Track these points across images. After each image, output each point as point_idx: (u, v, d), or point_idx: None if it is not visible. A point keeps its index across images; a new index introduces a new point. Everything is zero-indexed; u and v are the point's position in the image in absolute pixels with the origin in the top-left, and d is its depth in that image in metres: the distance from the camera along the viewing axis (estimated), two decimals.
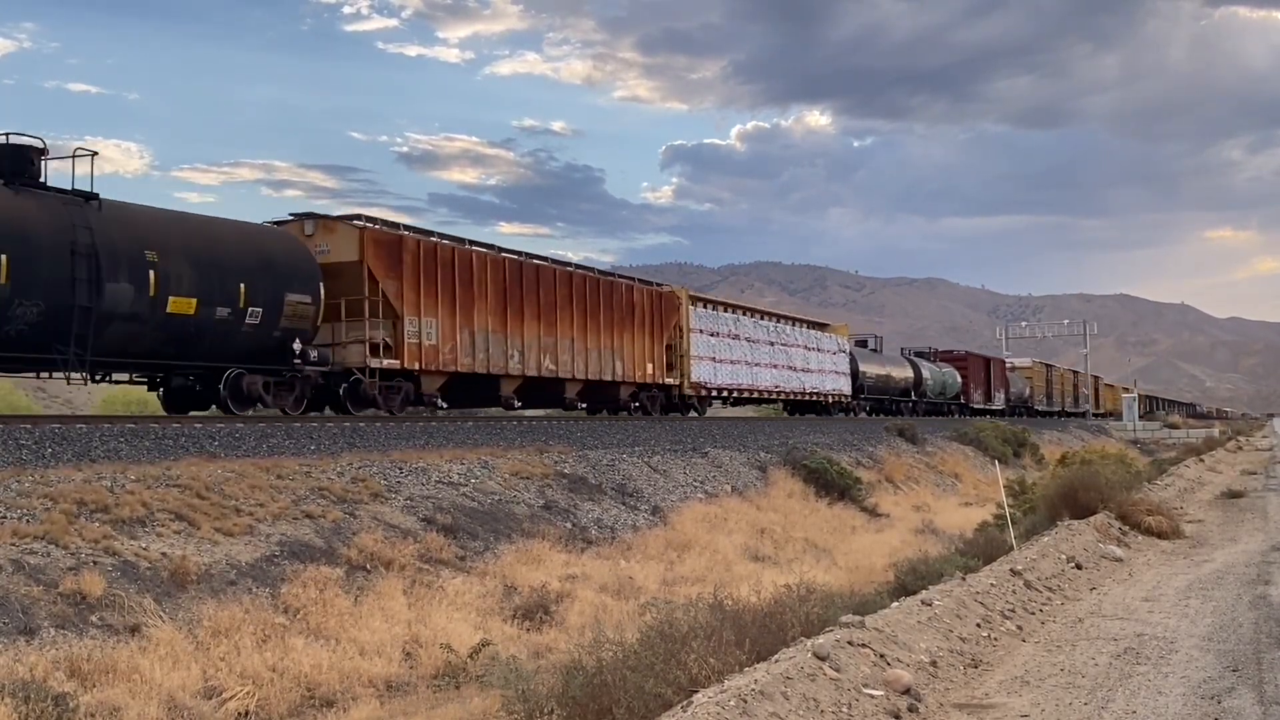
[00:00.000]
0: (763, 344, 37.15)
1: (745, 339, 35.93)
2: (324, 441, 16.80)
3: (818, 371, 41.20)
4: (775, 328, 38.74)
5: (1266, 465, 40.34)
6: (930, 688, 7.94)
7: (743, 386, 35.39)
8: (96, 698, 8.59)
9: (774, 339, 38.18)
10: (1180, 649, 9.40)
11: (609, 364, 27.71)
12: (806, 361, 40.27)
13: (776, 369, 37.73)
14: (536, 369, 24.86)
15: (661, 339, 30.54)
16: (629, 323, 28.91)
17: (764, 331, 37.71)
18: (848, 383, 43.83)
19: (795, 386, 39.26)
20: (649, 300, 30.36)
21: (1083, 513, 17.53)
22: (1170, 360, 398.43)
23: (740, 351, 35.40)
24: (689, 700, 6.35)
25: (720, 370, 33.94)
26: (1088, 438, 63.48)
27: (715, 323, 34.37)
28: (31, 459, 12.60)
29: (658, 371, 30.04)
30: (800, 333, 40.91)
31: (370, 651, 10.85)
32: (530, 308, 24.77)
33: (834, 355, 43.05)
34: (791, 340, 39.62)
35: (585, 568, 15.12)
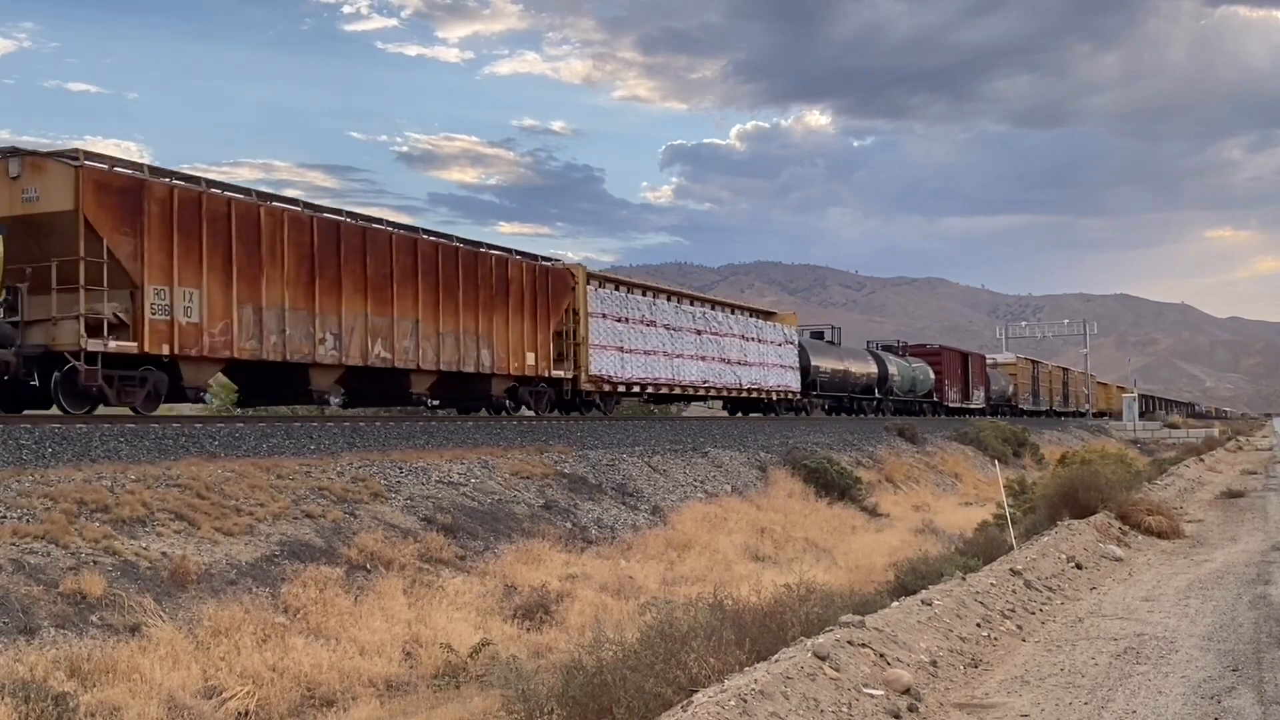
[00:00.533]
0: (687, 332, 32.20)
1: (664, 326, 30.90)
2: (324, 441, 16.81)
3: (759, 365, 36.19)
4: (704, 314, 33.80)
5: (1266, 465, 40.34)
6: (930, 687, 7.94)
7: (660, 381, 30.46)
8: (96, 697, 8.59)
9: (702, 327, 33.19)
10: (1180, 649, 9.40)
11: (472, 352, 22.99)
12: (745, 353, 35.32)
13: (706, 361, 32.89)
14: (362, 356, 19.98)
15: (549, 324, 25.77)
16: (502, 303, 24.08)
17: (689, 318, 32.69)
18: (796, 377, 38.90)
19: (729, 381, 34.42)
20: (530, 277, 25.37)
21: (1083, 512, 17.53)
22: (1170, 360, 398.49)
23: (657, 340, 30.35)
24: (689, 700, 6.35)
25: (629, 362, 28.96)
26: (1087, 438, 63.48)
27: (623, 306, 29.29)
28: (31, 459, 12.61)
29: (543, 362, 25.42)
30: (737, 320, 35.73)
31: (370, 651, 10.85)
32: (353, 280, 19.88)
33: (779, 347, 38.12)
34: (725, 329, 34.56)
35: (585, 567, 15.12)
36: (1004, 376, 68.58)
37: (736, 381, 34.76)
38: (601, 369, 27.75)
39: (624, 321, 29.04)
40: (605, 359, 27.95)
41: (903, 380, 49.53)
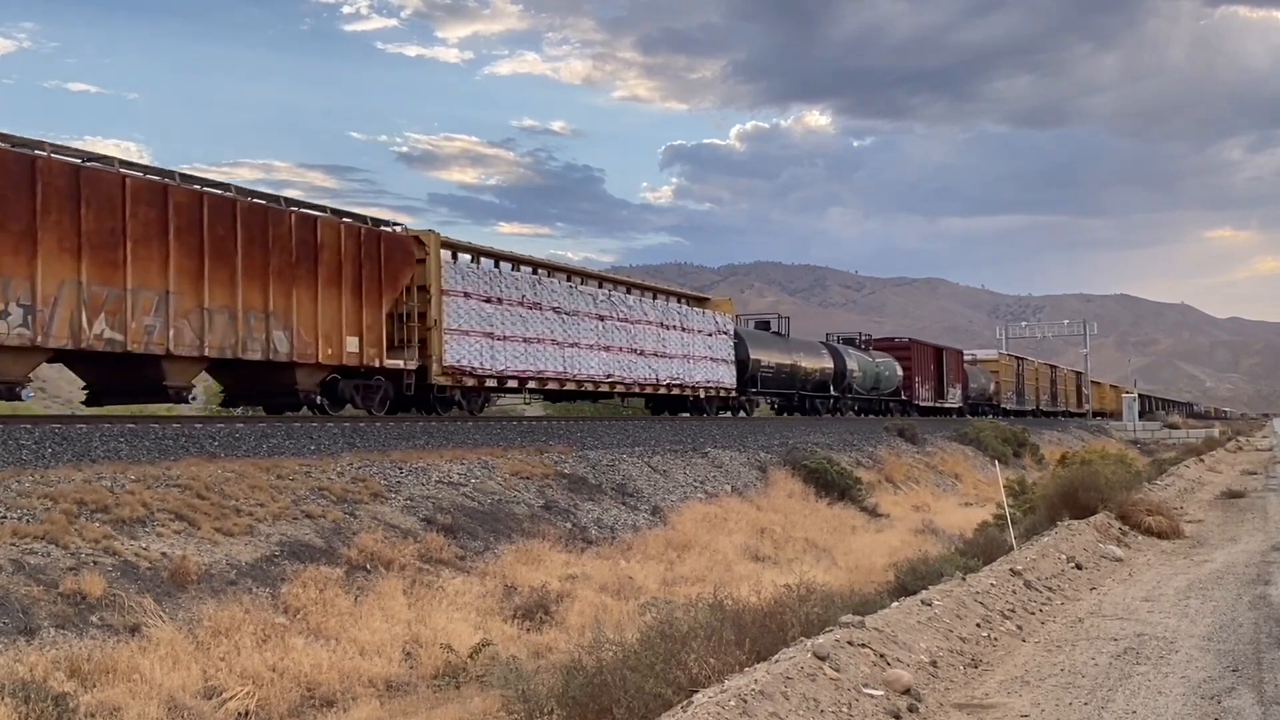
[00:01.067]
0: (586, 318, 27.28)
1: (554, 310, 26.06)
2: (324, 441, 16.82)
3: (683, 357, 31.48)
4: (610, 297, 28.84)
5: (1266, 465, 40.34)
6: (930, 688, 7.94)
7: (548, 375, 25.63)
8: (96, 698, 8.59)
9: (607, 312, 28.26)
10: (1180, 649, 9.40)
11: (259, 335, 18.03)
12: (664, 344, 30.50)
13: (610, 352, 28.00)
14: (72, 336, 15.24)
15: (380, 302, 20.87)
16: (308, 274, 19.21)
17: (588, 301, 27.58)
18: (731, 372, 34.29)
19: (643, 375, 29.46)
20: (353, 244, 20.41)
21: (1083, 513, 17.54)
22: (1170, 360, 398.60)
23: (543, 326, 25.54)
24: (689, 700, 6.36)
25: (503, 351, 24.11)
26: (1087, 438, 63.50)
27: (494, 284, 24.29)
28: (31, 459, 12.61)
29: (371, 349, 20.57)
30: (654, 306, 30.90)
31: (370, 651, 10.85)
32: (58, 235, 15.15)
33: (710, 337, 33.36)
34: (638, 315, 29.64)
35: (585, 568, 15.12)
36: (984, 374, 64.51)
37: (652, 376, 29.90)
38: (461, 359, 22.81)
39: (496, 302, 24.04)
40: (467, 347, 23.00)
41: (864, 376, 45.04)
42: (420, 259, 22.24)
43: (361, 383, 20.98)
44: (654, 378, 30.11)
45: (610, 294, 29.09)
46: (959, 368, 58.67)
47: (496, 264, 25.41)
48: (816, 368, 41.09)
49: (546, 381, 25.78)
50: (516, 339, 24.59)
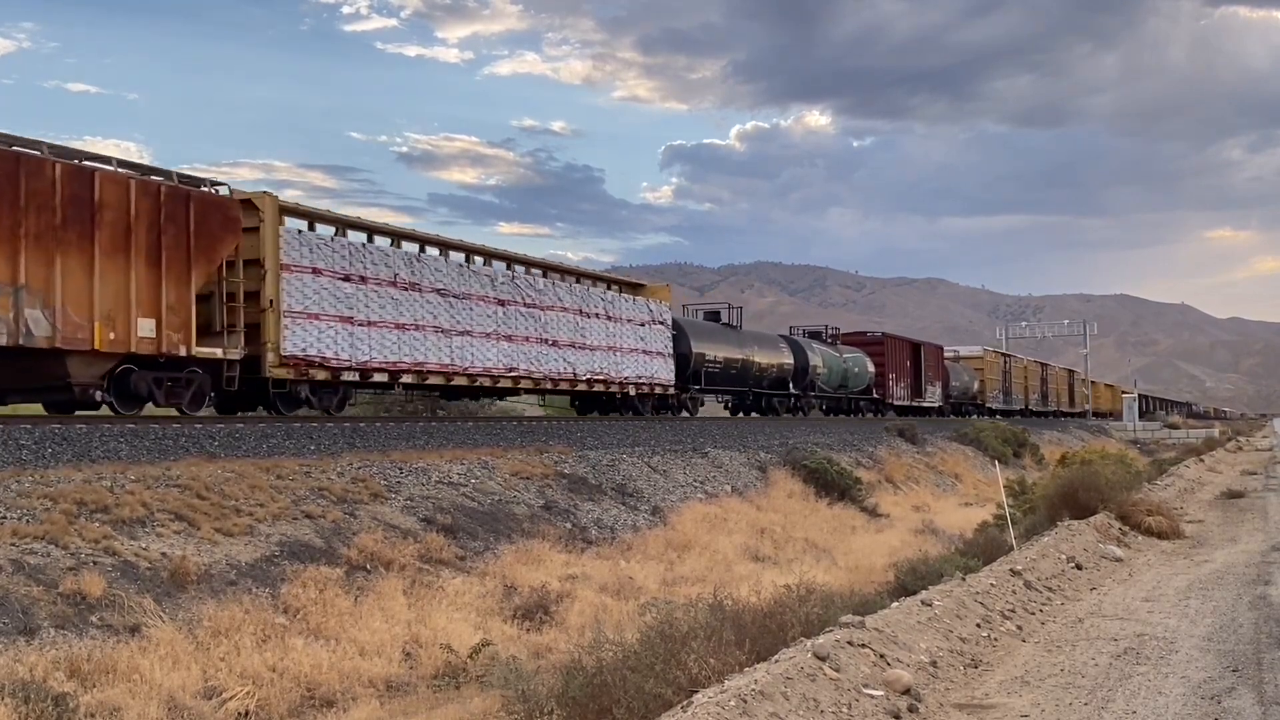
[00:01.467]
0: (482, 302, 23.56)
1: (437, 291, 22.34)
2: (324, 441, 16.82)
3: (607, 349, 27.74)
4: (513, 280, 25.01)
5: (1266, 465, 40.35)
6: (930, 688, 7.95)
7: (429, 367, 21.84)
8: (96, 698, 8.59)
9: (509, 296, 24.56)
10: (1180, 649, 9.40)
11: (8, 315, 14.57)
12: (582, 333, 26.88)
13: (514, 342, 24.39)
14: None
15: (190, 277, 17.08)
16: (82, 239, 15.54)
17: (484, 283, 23.88)
18: (668, 367, 30.57)
19: (556, 369, 25.74)
20: (150, 204, 16.61)
21: (1083, 513, 17.54)
22: (1170, 360, 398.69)
23: (423, 310, 21.88)
24: (689, 700, 6.35)
25: (367, 339, 20.27)
26: (1087, 438, 63.52)
27: (355, 259, 20.31)
28: (31, 459, 12.61)
29: (176, 334, 16.89)
30: (571, 291, 27.04)
31: (370, 651, 10.85)
32: None
33: (643, 328, 29.59)
34: (550, 300, 25.90)
35: (585, 568, 15.12)
36: (967, 371, 60.59)
37: (568, 370, 26.17)
38: (309, 348, 19.12)
39: (359, 281, 20.27)
40: (317, 334, 19.32)
41: (830, 373, 41.55)
42: (252, 227, 18.50)
43: (166, 375, 17.19)
44: (570, 371, 26.25)
45: (515, 276, 25.17)
46: (938, 364, 55.04)
47: (371, 238, 21.47)
48: (773, 363, 37.40)
49: (428, 375, 21.96)
50: (386, 325, 20.82)
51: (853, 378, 43.89)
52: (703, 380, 33.18)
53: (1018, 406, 68.97)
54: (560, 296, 26.55)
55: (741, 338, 36.10)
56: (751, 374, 35.88)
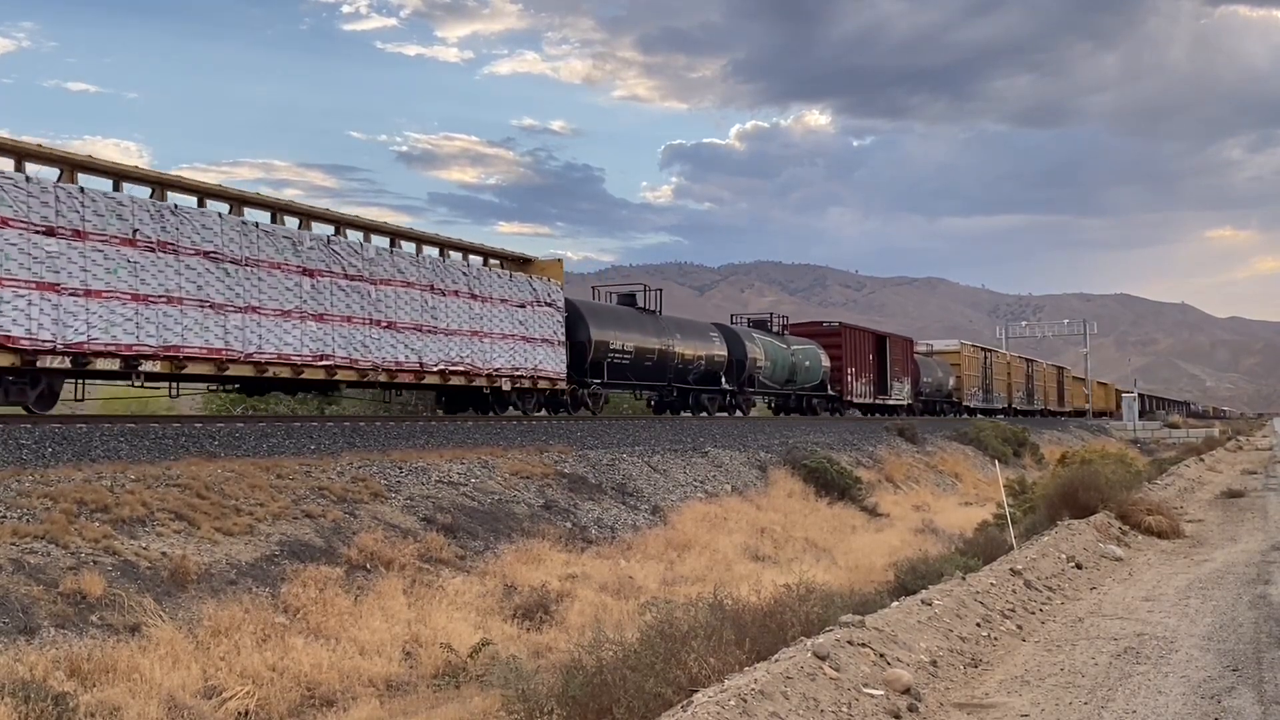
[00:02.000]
0: (277, 271, 18.20)
1: (206, 255, 17.18)
2: (324, 441, 16.82)
3: (468, 334, 22.62)
4: (328, 244, 19.45)
5: (1266, 465, 40.35)
6: (930, 687, 7.94)
7: (189, 350, 16.73)
8: (96, 697, 8.59)
9: (319, 265, 19.10)
10: (1180, 648, 9.40)
11: None
12: (432, 314, 21.67)
13: (328, 323, 19.10)
14: None
15: None
16: None
17: (281, 247, 18.36)
18: (557, 357, 25.51)
19: (392, 357, 20.52)
20: None
21: (1083, 512, 17.53)
22: (1170, 360, 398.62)
23: (183, 278, 16.75)
24: (689, 700, 6.35)
25: (86, 313, 15.32)
26: (1087, 437, 63.50)
27: (62, 207, 15.18)
28: (31, 459, 12.61)
29: None
30: (413, 262, 21.56)
31: (370, 651, 10.85)
32: None
33: (521, 310, 24.46)
34: (379, 272, 20.53)
35: (585, 567, 15.12)
36: (941, 367, 56.15)
37: (410, 358, 21.02)
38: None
39: (68, 236, 15.14)
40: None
41: (775, 366, 37.04)
42: None
43: None
44: (414, 361, 21.10)
45: (332, 241, 19.69)
46: (907, 358, 50.55)
47: (118, 186, 16.46)
48: (700, 354, 32.50)
49: (186, 362, 16.74)
50: (118, 296, 15.77)
51: (804, 372, 39.47)
52: (606, 373, 27.85)
53: (999, 405, 64.30)
54: (401, 269, 21.22)
55: (661, 325, 31.04)
56: (672, 366, 30.91)
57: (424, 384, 22.26)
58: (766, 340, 37.19)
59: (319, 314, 19.08)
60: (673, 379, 31.24)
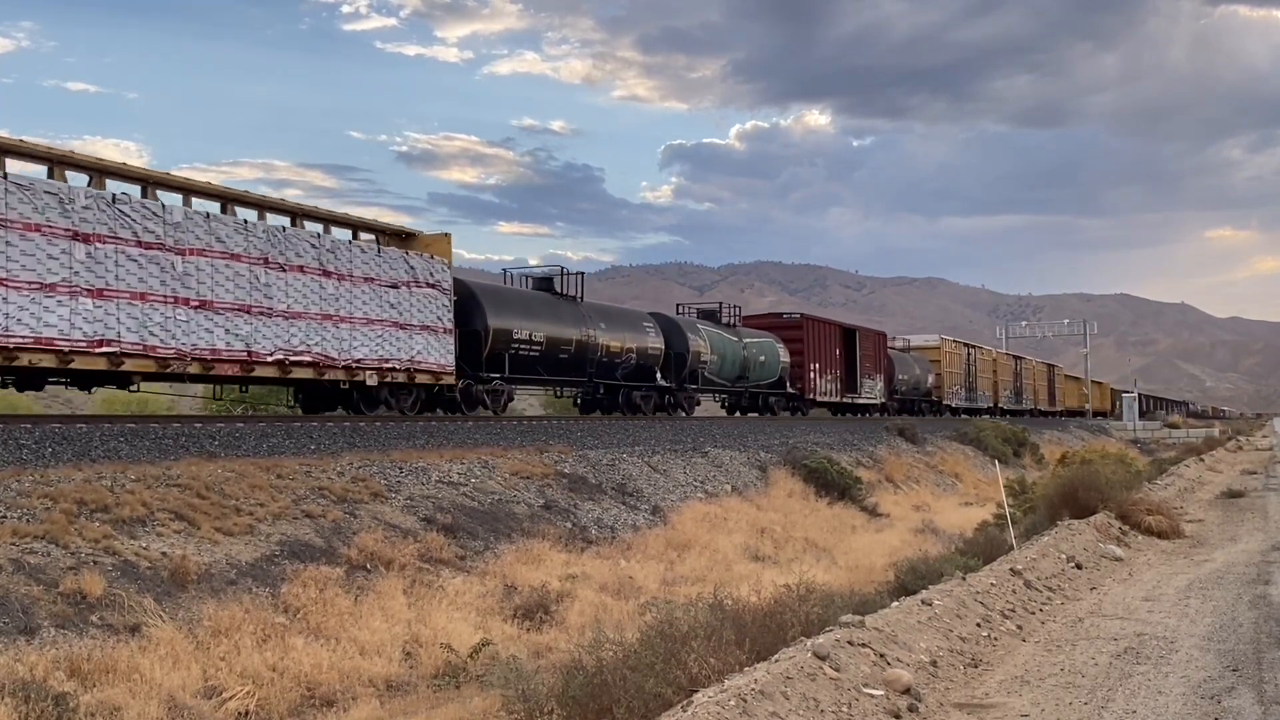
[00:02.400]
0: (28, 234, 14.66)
1: None
2: (324, 441, 16.81)
3: (323, 319, 19.17)
4: (112, 204, 15.83)
5: (1266, 465, 40.35)
6: (930, 687, 7.94)
7: None
8: (96, 697, 8.59)
9: (98, 228, 15.55)
10: (1180, 649, 9.40)
11: None
12: (270, 294, 18.17)
13: (112, 300, 15.67)
14: None
15: None
16: None
17: (38, 204, 14.87)
18: (443, 347, 21.92)
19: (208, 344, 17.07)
20: None
21: (1083, 512, 17.53)
22: (1170, 360, 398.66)
23: None
24: (689, 700, 6.35)
25: None
26: (1087, 438, 63.51)
27: None
28: (31, 459, 12.61)
29: None
30: (241, 229, 17.89)
31: (370, 651, 10.85)
32: None
33: (395, 291, 20.93)
34: (194, 239, 16.95)
35: (585, 567, 15.12)
36: (920, 363, 52.66)
37: (236, 346, 17.56)
38: None
39: None
40: None
41: (724, 361, 33.43)
42: None
43: None
44: (239, 348, 17.60)
45: (119, 200, 16.07)
46: (879, 354, 46.58)
47: None
48: (630, 347, 28.42)
49: None
50: None
51: (758, 368, 35.79)
52: (508, 366, 24.07)
53: (984, 404, 60.56)
54: (222, 236, 17.43)
55: (581, 313, 27.01)
56: (595, 360, 26.95)
57: (255, 377, 18.60)
58: (713, 332, 33.61)
59: (97, 289, 15.55)
60: (596, 374, 27.44)
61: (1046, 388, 77.90)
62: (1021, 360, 72.52)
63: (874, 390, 45.35)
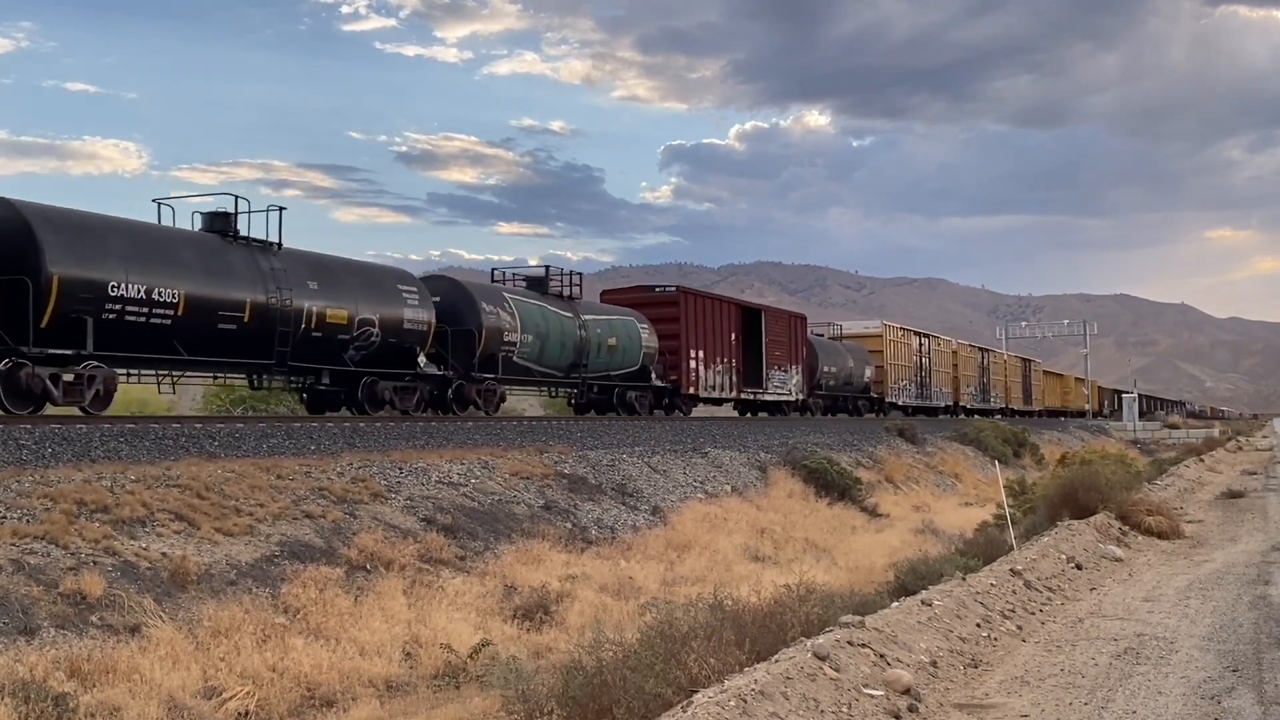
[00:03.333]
0: None
1: None
2: (324, 441, 16.81)
3: None
4: None
5: (1266, 465, 40.34)
6: (930, 688, 7.94)
7: None
8: (96, 698, 8.59)
9: None
10: (1180, 649, 9.40)
11: None
12: None
13: None
14: None
15: None
16: None
17: None
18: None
19: None
20: None
21: (1083, 513, 17.53)
22: (1170, 360, 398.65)
23: None
24: (689, 700, 6.35)
25: None
26: (1087, 438, 63.50)
27: None
28: (31, 459, 12.60)
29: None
30: None
31: (370, 651, 10.85)
32: None
33: None
34: None
35: (585, 568, 15.12)
36: (853, 353, 44.41)
37: None
38: None
39: None
40: None
41: (544, 343, 25.70)
42: None
43: None
44: None
45: None
46: (795, 340, 38.38)
47: None
48: (368, 318, 20.39)
49: None
50: None
51: (606, 354, 28.05)
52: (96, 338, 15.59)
53: (942, 403, 53.23)
54: None
55: (272, 264, 18.63)
56: (298, 335, 18.80)
57: None
58: (529, 305, 25.55)
59: None
60: (298, 355, 19.01)
61: (1021, 385, 70.99)
62: (989, 354, 65.04)
63: (790, 385, 37.70)
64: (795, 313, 41.56)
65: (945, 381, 54.91)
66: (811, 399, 40.52)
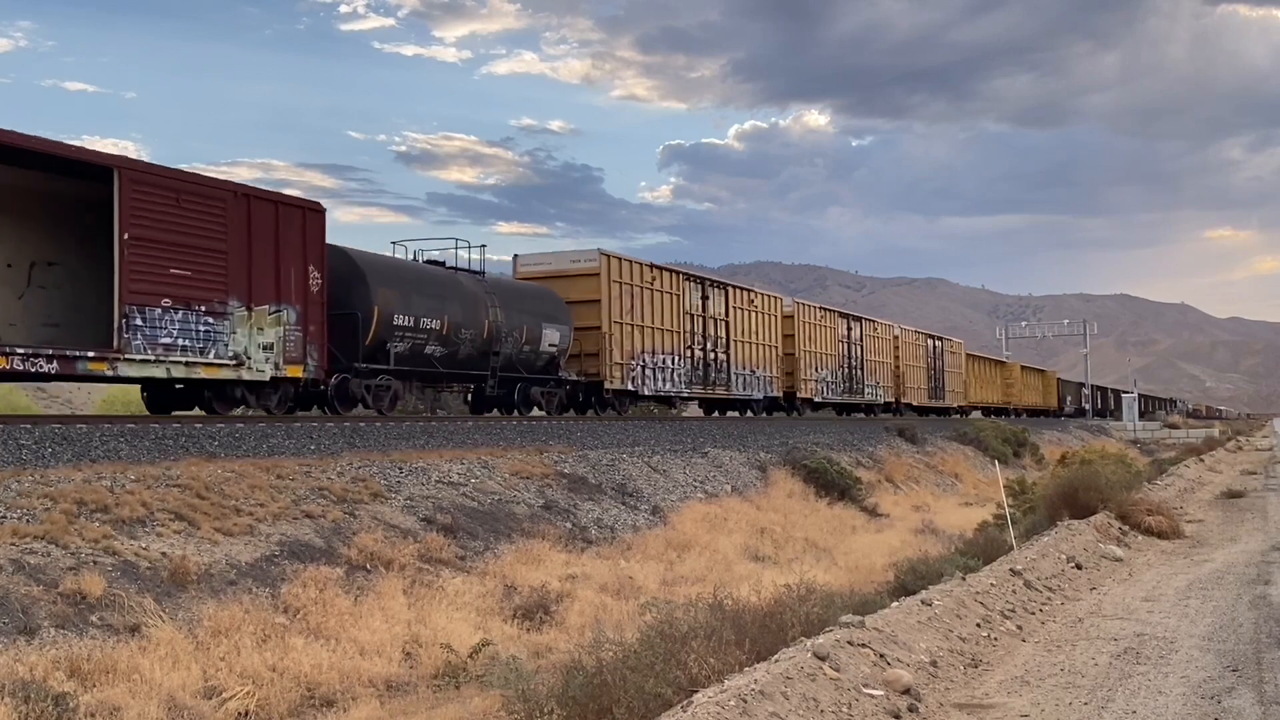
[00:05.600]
0: None
1: None
2: (324, 441, 16.80)
3: None
4: None
5: (1266, 465, 40.34)
6: (930, 688, 7.94)
7: None
8: (96, 698, 8.58)
9: None
10: (1180, 649, 9.40)
11: None
12: None
13: None
14: None
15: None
16: None
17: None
18: None
19: None
20: None
21: (1083, 513, 17.53)
22: (1170, 360, 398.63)
23: None
24: (689, 700, 6.35)
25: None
26: (1088, 438, 63.48)
27: None
28: (31, 459, 12.60)
29: None
30: None
31: (370, 651, 10.85)
32: None
33: None
34: None
35: (585, 568, 15.12)
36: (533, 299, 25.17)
37: None
38: None
39: None
40: None
41: None
42: None
43: None
44: None
45: None
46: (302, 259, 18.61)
47: None
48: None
49: None
50: None
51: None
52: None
53: (748, 392, 34.32)
54: None
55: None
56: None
57: None
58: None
59: None
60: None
61: (925, 372, 51.80)
62: (859, 322, 45.23)
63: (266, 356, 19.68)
64: None
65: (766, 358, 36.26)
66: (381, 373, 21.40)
